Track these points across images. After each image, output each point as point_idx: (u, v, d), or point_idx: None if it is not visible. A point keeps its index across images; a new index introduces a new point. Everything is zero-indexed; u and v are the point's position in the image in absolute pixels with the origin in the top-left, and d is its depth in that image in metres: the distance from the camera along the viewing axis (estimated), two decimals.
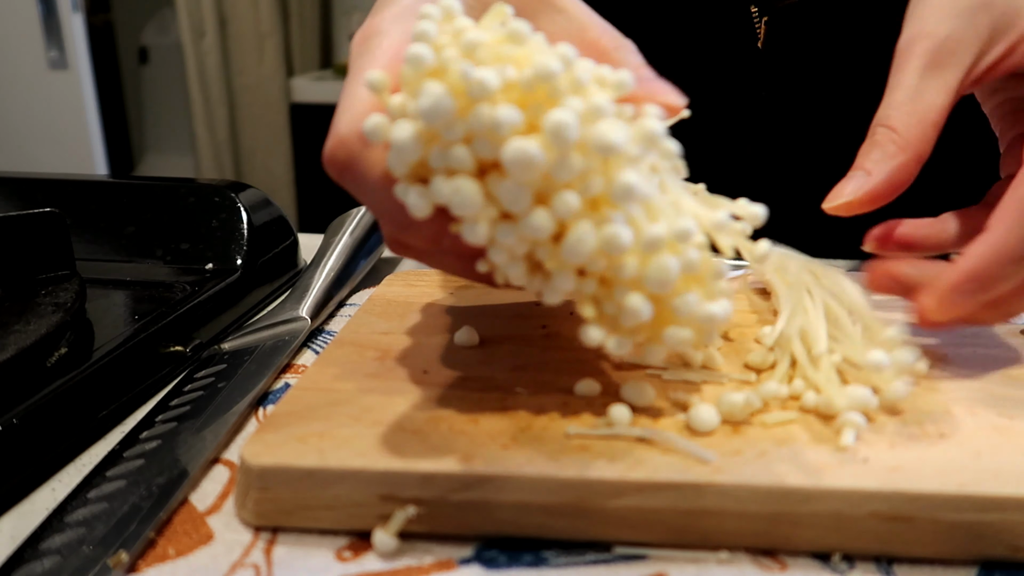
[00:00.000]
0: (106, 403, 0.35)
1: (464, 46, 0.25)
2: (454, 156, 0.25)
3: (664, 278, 0.25)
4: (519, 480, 0.26)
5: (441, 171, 0.25)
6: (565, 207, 0.25)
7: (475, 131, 0.24)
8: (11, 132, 2.37)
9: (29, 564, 0.25)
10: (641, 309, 0.26)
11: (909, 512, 0.25)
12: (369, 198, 0.27)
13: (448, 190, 0.25)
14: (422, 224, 0.26)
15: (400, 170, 0.25)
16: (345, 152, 0.27)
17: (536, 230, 0.25)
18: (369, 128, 0.25)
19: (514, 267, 0.27)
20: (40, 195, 0.52)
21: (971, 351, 0.34)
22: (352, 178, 0.27)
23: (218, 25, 2.58)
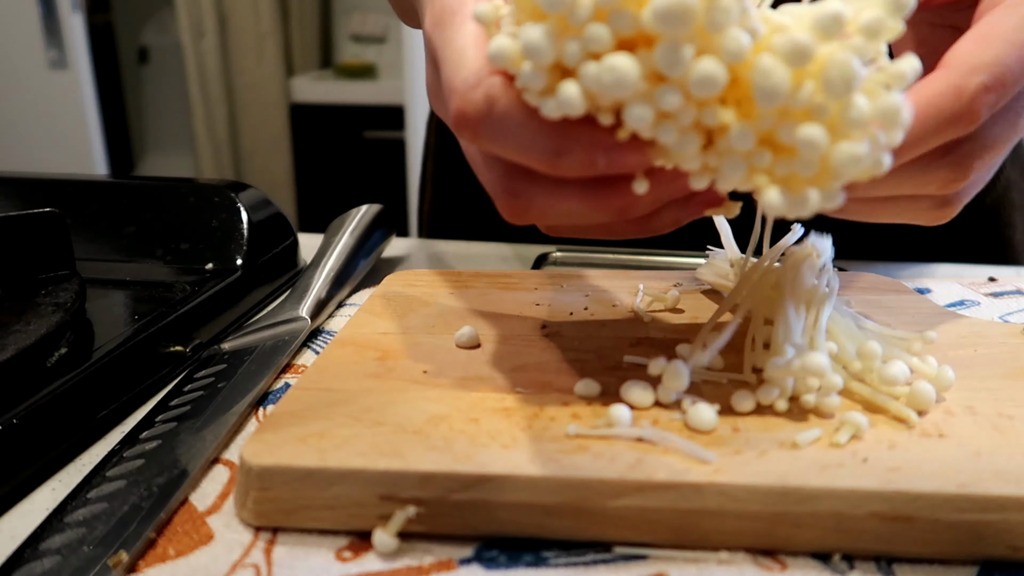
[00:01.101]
0: (106, 403, 0.35)
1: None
2: (592, 37, 0.23)
3: (847, 74, 0.23)
4: (519, 480, 0.26)
5: (583, 60, 0.24)
6: (736, 46, 0.22)
7: (604, 4, 0.23)
8: (11, 132, 2.37)
9: (29, 564, 0.25)
10: (817, 137, 0.23)
11: (909, 512, 0.25)
12: (513, 138, 0.26)
13: (598, 70, 0.23)
14: (581, 135, 0.25)
15: (538, 82, 0.24)
16: (475, 102, 0.26)
17: (706, 81, 0.23)
18: (494, 51, 0.24)
19: (688, 141, 0.24)
20: (40, 195, 0.52)
21: (971, 351, 0.34)
22: (491, 124, 0.26)
23: (218, 25, 2.58)
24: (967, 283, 0.46)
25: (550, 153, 0.25)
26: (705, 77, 0.23)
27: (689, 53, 0.23)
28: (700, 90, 0.23)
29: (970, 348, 0.34)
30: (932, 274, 0.52)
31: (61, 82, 2.29)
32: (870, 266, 0.52)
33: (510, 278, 0.43)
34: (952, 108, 0.28)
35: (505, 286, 0.42)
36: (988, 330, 0.36)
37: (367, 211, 0.53)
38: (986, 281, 0.46)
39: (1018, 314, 0.42)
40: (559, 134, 0.25)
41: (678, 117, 0.24)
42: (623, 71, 0.23)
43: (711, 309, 0.39)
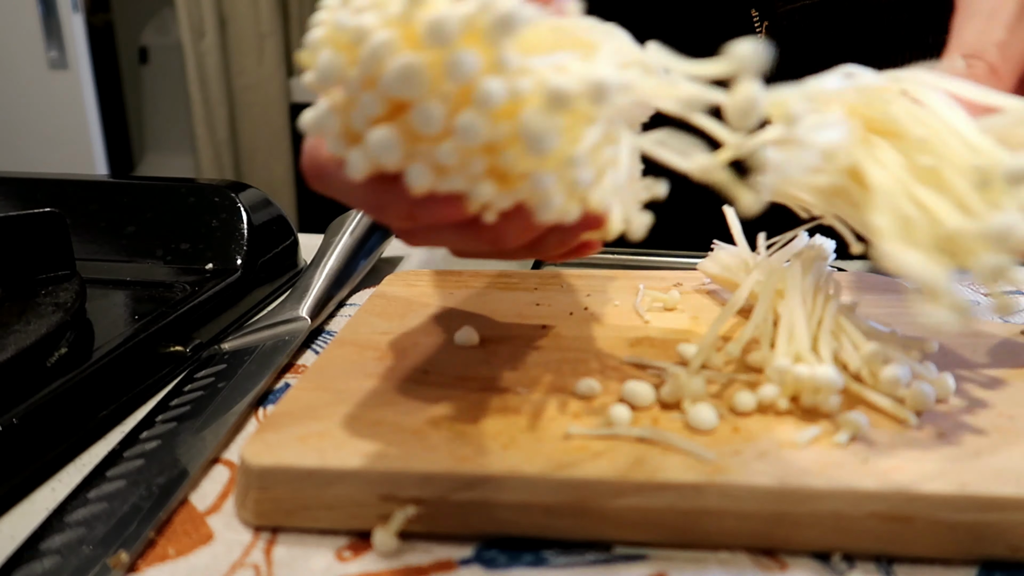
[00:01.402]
0: (106, 403, 0.35)
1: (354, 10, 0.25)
2: (364, 105, 0.24)
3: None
4: (519, 480, 0.26)
5: (366, 127, 0.25)
6: (486, 95, 0.23)
7: (370, 74, 0.24)
8: (11, 132, 2.37)
9: (29, 564, 0.25)
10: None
11: (909, 512, 0.25)
12: (342, 193, 0.28)
13: (371, 141, 0.24)
14: (394, 191, 0.26)
15: (334, 146, 0.26)
16: (309, 160, 0.28)
17: (468, 131, 0.24)
18: (304, 123, 0.26)
19: (480, 186, 0.25)
20: (40, 195, 0.52)
21: (971, 351, 0.34)
22: (323, 180, 0.28)
23: (218, 25, 2.58)
24: (967, 283, 0.46)
25: (374, 207, 0.27)
26: (467, 127, 0.24)
27: (439, 112, 0.24)
28: (465, 139, 0.24)
29: (970, 348, 0.34)
30: None
31: (61, 82, 2.29)
32: (870, 266, 0.52)
33: (510, 278, 0.43)
34: None
35: (505, 286, 0.42)
36: (988, 330, 0.36)
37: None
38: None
39: (1018, 314, 0.42)
40: (376, 191, 0.26)
41: (462, 167, 0.25)
42: (384, 138, 0.24)
43: (711, 309, 0.39)
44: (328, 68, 0.24)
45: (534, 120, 0.24)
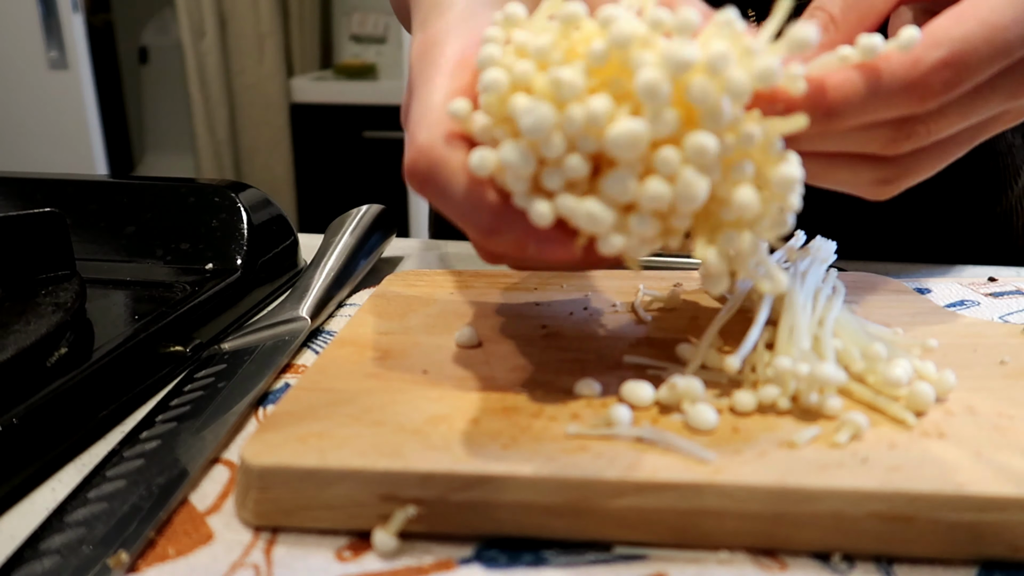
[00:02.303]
0: (106, 403, 0.35)
1: (535, 54, 0.26)
2: (570, 167, 0.25)
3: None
4: (519, 480, 0.26)
5: (560, 185, 0.26)
6: (666, 165, 0.25)
7: (574, 133, 0.25)
8: (11, 132, 2.37)
9: (29, 564, 0.25)
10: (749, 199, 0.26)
11: (909, 512, 0.25)
12: (454, 206, 0.27)
13: (581, 213, 0.25)
14: (517, 222, 0.26)
15: (519, 187, 0.26)
16: (427, 161, 0.27)
17: (655, 199, 0.25)
18: (476, 164, 0.26)
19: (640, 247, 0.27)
20: (40, 195, 0.52)
21: (971, 351, 0.34)
22: (436, 186, 0.27)
23: (218, 25, 2.59)
24: (967, 283, 0.46)
25: (485, 229, 0.27)
26: (654, 195, 0.25)
27: (633, 181, 0.25)
28: (650, 204, 0.26)
29: (970, 348, 0.34)
30: (932, 274, 0.52)
31: (61, 82, 2.29)
32: (870, 266, 0.52)
33: (510, 278, 0.43)
34: (904, 77, 0.28)
35: (505, 286, 0.42)
36: (988, 330, 0.36)
37: (367, 211, 0.53)
38: (986, 281, 0.46)
39: (1018, 314, 0.42)
40: (497, 216, 0.27)
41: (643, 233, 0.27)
42: (601, 216, 0.25)
43: (711, 309, 0.39)
44: (540, 125, 0.25)
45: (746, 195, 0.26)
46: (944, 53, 0.27)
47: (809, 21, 0.31)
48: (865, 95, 0.28)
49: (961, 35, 0.28)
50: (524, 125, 0.25)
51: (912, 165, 0.32)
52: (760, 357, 0.32)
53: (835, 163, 0.31)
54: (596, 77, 0.26)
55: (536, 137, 0.25)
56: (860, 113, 0.28)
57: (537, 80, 0.26)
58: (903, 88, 0.28)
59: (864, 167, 0.32)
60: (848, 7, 0.31)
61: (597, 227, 0.26)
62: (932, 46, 0.28)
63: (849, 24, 0.31)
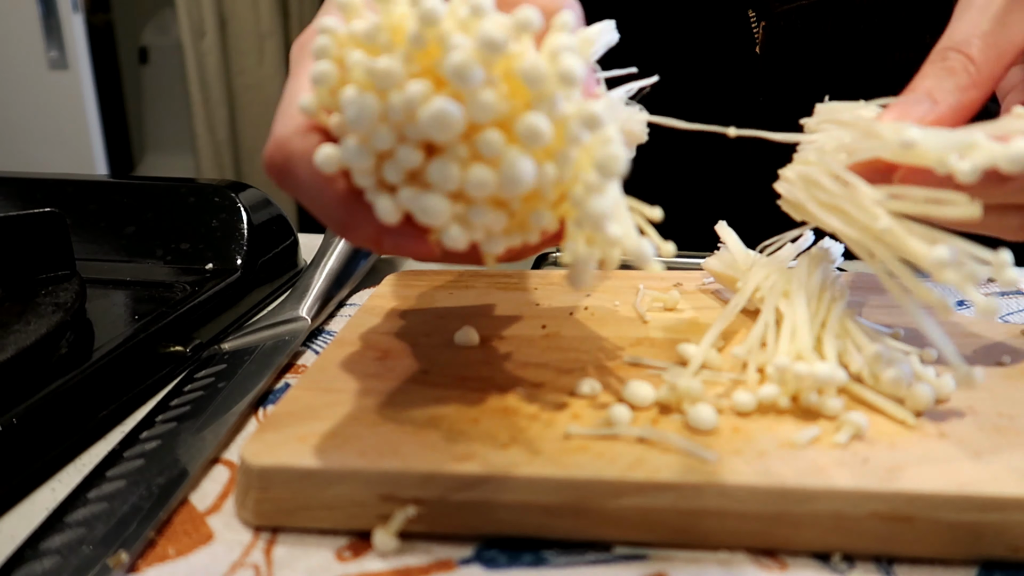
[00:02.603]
0: (106, 403, 0.35)
1: (363, 40, 0.25)
2: (402, 158, 0.24)
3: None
4: (519, 480, 0.26)
5: (401, 178, 0.25)
6: (489, 147, 0.24)
7: (399, 121, 0.24)
8: (11, 132, 2.37)
9: (29, 564, 0.25)
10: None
11: (909, 512, 0.25)
12: (307, 200, 0.27)
13: (415, 206, 0.25)
14: (370, 216, 0.26)
15: (365, 182, 0.25)
16: (282, 154, 0.27)
17: (479, 185, 0.24)
18: (321, 160, 0.25)
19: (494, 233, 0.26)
20: (40, 195, 0.52)
21: (971, 351, 0.34)
22: (291, 180, 0.27)
23: (218, 25, 2.58)
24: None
25: (340, 223, 0.27)
26: (477, 181, 0.24)
27: (454, 171, 0.24)
28: (476, 191, 0.25)
29: (970, 348, 0.34)
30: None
31: (61, 82, 2.29)
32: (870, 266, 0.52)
33: (510, 278, 0.43)
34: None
35: (505, 286, 0.42)
36: (988, 330, 0.36)
37: None
38: (986, 281, 0.46)
39: (1018, 314, 0.42)
40: (348, 211, 0.26)
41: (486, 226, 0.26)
42: (436, 208, 0.24)
43: (711, 309, 0.39)
44: (362, 116, 0.24)
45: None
46: None
47: (942, 64, 0.30)
48: None
49: None
50: (348, 118, 0.24)
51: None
52: (761, 356, 0.32)
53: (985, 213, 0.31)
54: (419, 64, 0.24)
55: (361, 128, 0.24)
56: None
57: (358, 70, 0.25)
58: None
59: (1013, 215, 0.31)
60: (987, 46, 0.30)
61: (432, 219, 0.25)
62: None
63: (989, 63, 0.30)
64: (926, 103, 0.30)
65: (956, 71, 0.30)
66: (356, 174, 0.25)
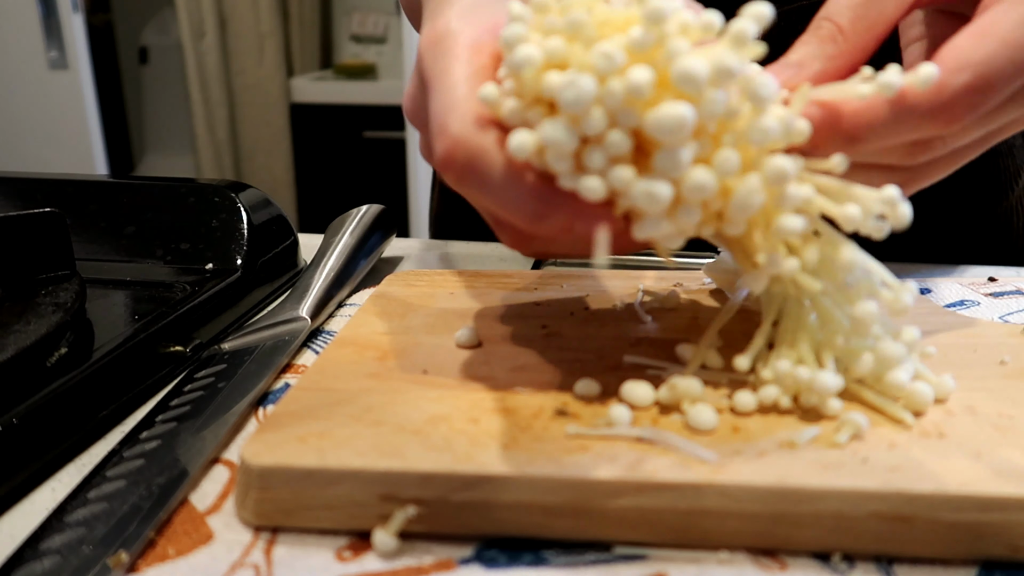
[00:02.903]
0: (106, 403, 0.35)
1: (568, 28, 0.26)
2: (612, 143, 0.25)
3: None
4: (519, 480, 0.26)
5: (603, 164, 0.25)
6: (726, 163, 0.25)
7: (615, 107, 0.25)
8: (11, 132, 2.37)
9: (29, 564, 0.25)
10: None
11: (909, 512, 0.25)
12: (496, 194, 0.26)
13: (639, 191, 0.25)
14: (564, 203, 0.26)
15: (563, 166, 0.26)
16: (464, 151, 0.26)
17: (700, 189, 0.25)
18: (516, 146, 0.25)
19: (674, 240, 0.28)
20: (40, 195, 0.52)
21: (971, 351, 0.34)
22: (476, 176, 0.26)
23: (218, 25, 2.59)
24: (967, 283, 0.46)
25: (531, 215, 0.26)
26: (700, 184, 0.25)
27: (688, 159, 0.25)
28: (696, 193, 0.26)
29: (970, 348, 0.34)
30: (932, 274, 0.52)
31: (61, 82, 2.29)
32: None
33: (510, 278, 0.43)
34: (929, 102, 0.27)
35: (505, 286, 0.42)
36: (988, 330, 0.36)
37: (367, 211, 0.53)
38: (986, 281, 0.46)
39: (1018, 314, 0.42)
40: (542, 200, 0.26)
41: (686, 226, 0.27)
42: (661, 195, 0.25)
43: (711, 309, 0.39)
44: (581, 98, 0.24)
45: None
46: (969, 77, 0.27)
47: (815, 33, 0.31)
48: (889, 121, 0.28)
49: (984, 57, 0.27)
50: (565, 99, 0.24)
51: (926, 171, 0.32)
52: (761, 357, 0.32)
53: (849, 173, 0.31)
54: (634, 59, 0.25)
55: (576, 111, 0.24)
56: (883, 138, 0.28)
57: (574, 54, 0.25)
58: (928, 114, 0.28)
59: (879, 175, 0.31)
60: (857, 17, 0.30)
61: (653, 205, 0.25)
62: (956, 71, 0.27)
63: (858, 34, 0.30)
64: (791, 69, 0.30)
65: (825, 40, 0.30)
66: (553, 158, 0.25)
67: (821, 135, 0.28)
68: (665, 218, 0.26)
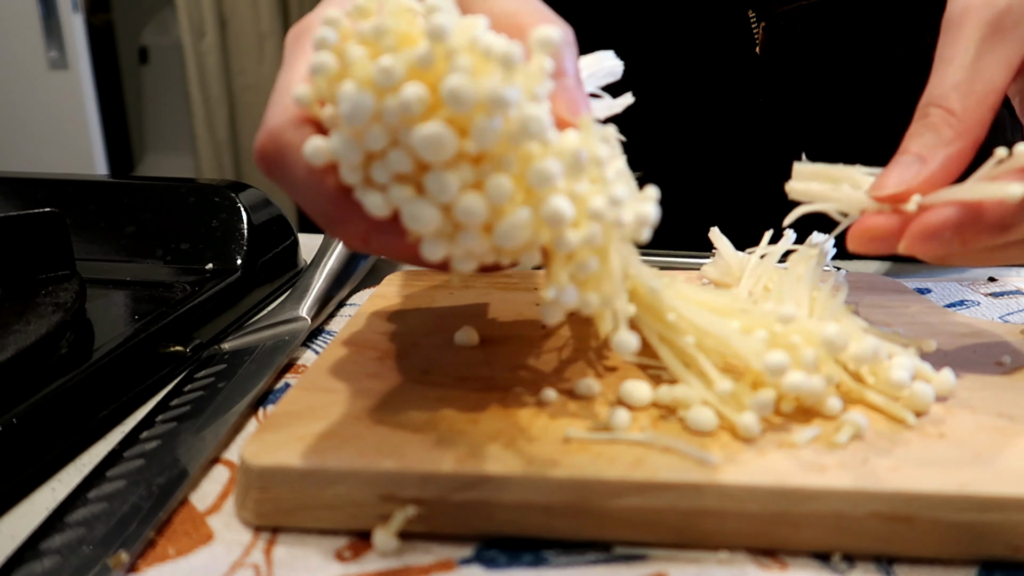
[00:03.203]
0: (106, 403, 0.35)
1: (373, 34, 0.25)
2: (392, 161, 0.24)
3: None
4: (519, 480, 0.26)
5: (390, 179, 0.25)
6: (498, 191, 0.24)
7: (393, 124, 0.24)
8: (11, 132, 2.37)
9: (29, 564, 0.25)
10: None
11: (909, 512, 0.25)
12: (297, 192, 0.27)
13: (408, 209, 0.25)
14: (359, 213, 0.26)
15: (352, 178, 0.25)
16: (274, 145, 0.27)
17: (469, 214, 0.24)
18: (310, 152, 0.25)
19: (465, 263, 0.27)
20: (40, 195, 0.52)
21: (971, 351, 0.34)
22: (281, 171, 0.27)
23: (218, 25, 2.58)
24: (967, 283, 0.46)
25: (328, 218, 0.27)
26: (469, 210, 0.25)
27: (454, 187, 0.24)
28: (465, 218, 0.25)
29: (970, 348, 0.34)
30: (932, 274, 0.52)
31: (61, 82, 2.29)
32: (870, 266, 0.52)
33: (510, 278, 0.43)
34: None
35: (505, 286, 0.42)
36: (988, 330, 0.36)
37: None
38: (986, 281, 0.46)
39: (1018, 314, 0.42)
40: (339, 206, 0.26)
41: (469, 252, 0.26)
42: (426, 216, 0.24)
43: None
44: (356, 112, 0.24)
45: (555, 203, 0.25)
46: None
47: (924, 122, 0.31)
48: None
49: None
50: (342, 112, 0.24)
51: None
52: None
53: (995, 252, 0.31)
54: (423, 80, 0.24)
55: (355, 125, 0.24)
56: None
57: (358, 66, 0.25)
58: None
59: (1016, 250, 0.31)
60: (964, 95, 0.30)
61: (420, 226, 0.25)
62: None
63: (970, 111, 0.30)
64: (913, 163, 0.30)
65: (939, 127, 0.30)
66: (344, 170, 0.25)
67: (968, 233, 0.28)
68: (444, 240, 0.25)
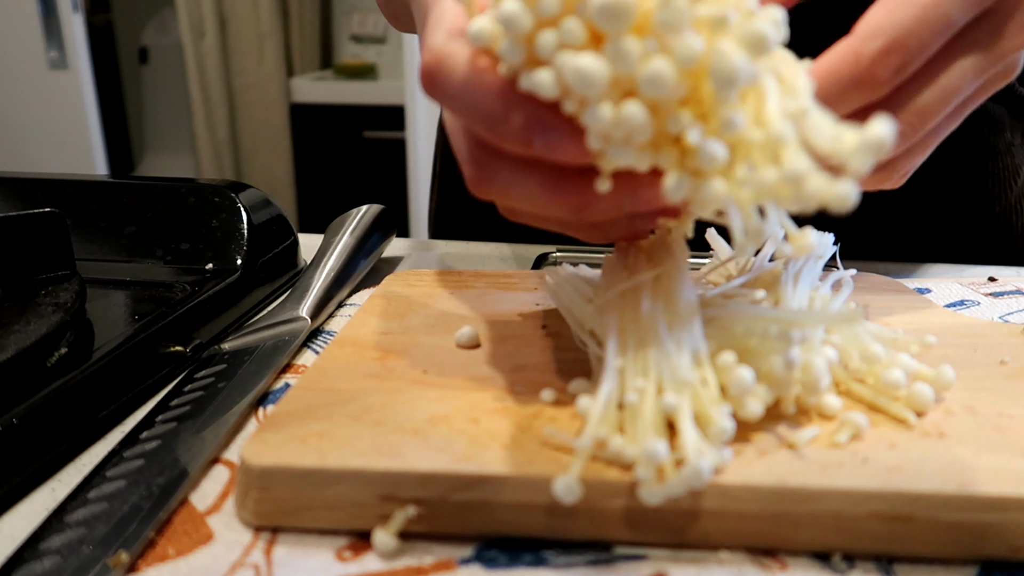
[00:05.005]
0: (106, 403, 0.35)
1: None
2: (566, 30, 0.24)
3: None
4: (519, 480, 0.26)
5: (555, 47, 0.24)
6: (687, 51, 0.23)
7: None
8: (11, 132, 2.37)
9: (29, 564, 0.25)
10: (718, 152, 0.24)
11: (909, 512, 0.25)
12: (458, 94, 0.27)
13: (571, 67, 0.24)
14: (523, 106, 0.26)
15: (516, 56, 0.25)
16: (435, 58, 0.27)
17: (654, 82, 0.23)
18: (475, 32, 0.26)
19: (624, 152, 0.25)
20: (40, 195, 0.52)
21: (971, 351, 0.34)
22: (442, 79, 0.27)
23: (218, 25, 2.59)
24: (967, 283, 0.46)
25: (489, 117, 0.26)
26: (654, 76, 0.23)
27: (636, 49, 0.24)
28: (649, 89, 0.24)
29: (970, 348, 0.34)
30: (932, 274, 0.52)
31: (61, 82, 2.29)
32: (870, 266, 0.52)
33: (510, 278, 0.43)
34: (850, 73, 0.28)
35: (505, 286, 0.42)
36: (988, 330, 0.36)
37: (367, 211, 0.53)
38: (986, 281, 0.46)
39: (1018, 314, 0.42)
40: (501, 100, 0.26)
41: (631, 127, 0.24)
42: (593, 72, 0.24)
43: None
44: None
45: (731, 60, 0.23)
46: (882, 43, 0.28)
47: None
48: (821, 99, 0.28)
49: (894, 22, 0.28)
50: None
51: (908, 155, 0.32)
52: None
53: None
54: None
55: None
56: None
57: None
58: (852, 84, 0.28)
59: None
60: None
61: (587, 87, 0.24)
62: (868, 38, 0.28)
63: None
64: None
65: None
66: (507, 49, 0.25)
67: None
68: (608, 103, 0.24)
